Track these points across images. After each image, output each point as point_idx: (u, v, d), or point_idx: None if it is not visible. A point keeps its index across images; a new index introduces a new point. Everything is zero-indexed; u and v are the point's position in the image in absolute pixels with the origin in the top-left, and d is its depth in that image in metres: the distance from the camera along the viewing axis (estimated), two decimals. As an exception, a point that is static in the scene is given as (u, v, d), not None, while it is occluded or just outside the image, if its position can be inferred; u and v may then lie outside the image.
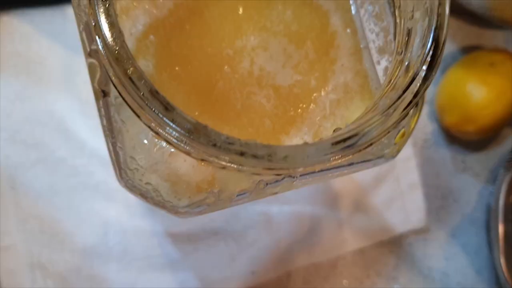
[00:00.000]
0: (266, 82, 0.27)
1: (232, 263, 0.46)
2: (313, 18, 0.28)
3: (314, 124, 0.27)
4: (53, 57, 0.47)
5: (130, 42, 0.26)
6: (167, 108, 0.18)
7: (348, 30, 0.28)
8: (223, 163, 0.19)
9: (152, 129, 0.19)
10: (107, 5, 0.18)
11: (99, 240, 0.46)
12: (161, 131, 0.19)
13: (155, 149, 0.22)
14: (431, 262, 0.51)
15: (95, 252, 0.45)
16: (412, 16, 0.21)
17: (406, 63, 0.21)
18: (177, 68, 0.26)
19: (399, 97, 0.19)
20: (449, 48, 0.54)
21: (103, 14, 0.18)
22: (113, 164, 0.22)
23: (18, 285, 0.44)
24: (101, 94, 0.22)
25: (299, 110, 0.27)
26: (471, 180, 0.53)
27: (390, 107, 0.19)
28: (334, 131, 0.21)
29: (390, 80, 0.21)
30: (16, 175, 0.45)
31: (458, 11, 0.51)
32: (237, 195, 0.22)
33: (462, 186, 0.53)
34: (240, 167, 0.19)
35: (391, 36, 0.25)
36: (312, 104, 0.28)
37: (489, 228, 0.50)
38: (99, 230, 0.46)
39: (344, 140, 0.19)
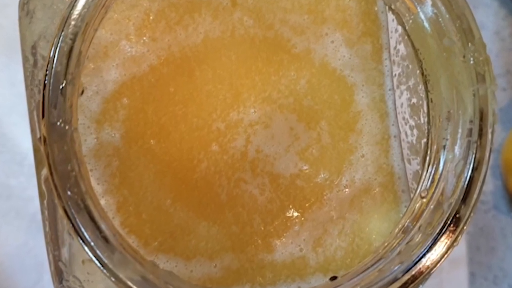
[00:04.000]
0: (262, 168, 0.31)
1: None
2: (333, 92, 0.31)
3: (317, 229, 0.31)
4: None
5: (94, 103, 0.30)
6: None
7: (377, 112, 0.31)
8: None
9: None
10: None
11: (30, 286, 0.50)
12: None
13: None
14: None
15: (23, 301, 0.49)
16: (444, 147, 0.25)
17: (432, 206, 0.24)
18: (152, 141, 0.30)
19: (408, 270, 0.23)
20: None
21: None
22: (52, 276, 0.26)
23: None
24: (47, 194, 0.25)
25: (300, 208, 0.31)
26: (537, 262, 0.56)
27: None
28: (330, 279, 0.25)
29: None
30: None
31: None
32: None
33: (524, 269, 0.56)
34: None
35: (424, 142, 0.28)
36: (317, 202, 0.31)
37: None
38: (31, 273, 0.50)
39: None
